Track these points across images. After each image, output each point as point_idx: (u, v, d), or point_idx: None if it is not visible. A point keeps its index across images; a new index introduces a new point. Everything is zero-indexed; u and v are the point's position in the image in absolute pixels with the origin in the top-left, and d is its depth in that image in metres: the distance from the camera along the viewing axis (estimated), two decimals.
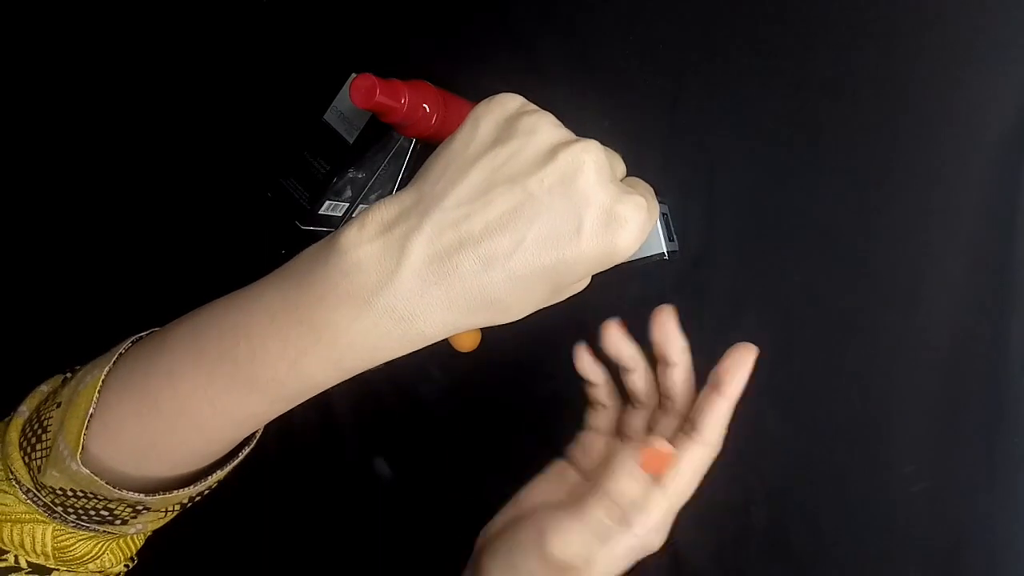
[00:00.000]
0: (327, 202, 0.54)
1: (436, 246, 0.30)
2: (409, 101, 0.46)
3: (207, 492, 0.38)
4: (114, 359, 0.35)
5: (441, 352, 0.44)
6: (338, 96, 0.52)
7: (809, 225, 0.47)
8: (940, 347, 0.44)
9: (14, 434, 0.36)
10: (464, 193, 0.31)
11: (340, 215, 0.57)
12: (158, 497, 0.35)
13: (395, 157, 0.54)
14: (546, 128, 0.32)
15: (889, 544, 0.46)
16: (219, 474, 0.37)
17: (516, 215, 0.30)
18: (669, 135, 0.50)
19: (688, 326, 0.51)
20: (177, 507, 0.38)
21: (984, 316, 0.43)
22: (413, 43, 0.59)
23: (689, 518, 0.52)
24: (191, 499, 0.38)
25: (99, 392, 0.34)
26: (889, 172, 0.45)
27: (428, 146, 0.55)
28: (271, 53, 0.63)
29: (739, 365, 0.40)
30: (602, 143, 0.34)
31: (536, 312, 0.33)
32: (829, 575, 0.48)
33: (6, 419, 0.37)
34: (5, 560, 0.36)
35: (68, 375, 0.38)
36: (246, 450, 0.38)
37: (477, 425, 0.57)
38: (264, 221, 0.60)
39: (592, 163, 0.31)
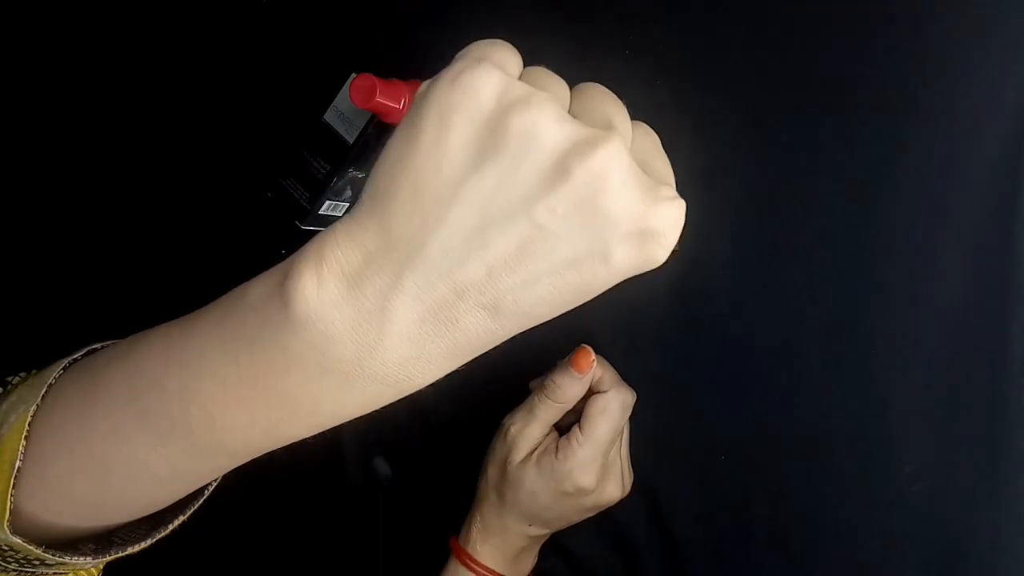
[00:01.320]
0: (327, 202, 0.54)
1: (427, 302, 0.24)
2: (409, 101, 0.46)
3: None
4: (42, 393, 0.29)
5: None
6: (338, 96, 0.52)
7: (809, 225, 0.47)
8: (940, 347, 0.44)
9: None
10: (451, 237, 0.23)
11: (340, 215, 0.56)
12: (109, 558, 0.30)
13: None
14: (546, 130, 0.23)
15: (889, 544, 0.46)
16: (181, 519, 0.33)
17: (525, 254, 0.24)
18: (669, 135, 0.50)
19: (688, 326, 0.51)
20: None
21: (984, 316, 0.43)
22: (413, 43, 0.58)
23: (689, 517, 0.53)
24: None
25: (26, 439, 0.28)
26: (889, 172, 0.45)
27: None
28: (271, 53, 0.63)
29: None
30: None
31: None
32: (829, 575, 0.48)
33: None
34: None
35: (1, 389, 0.32)
36: (212, 485, 0.33)
37: (477, 425, 0.57)
38: (264, 221, 0.60)
39: (617, 174, 0.24)
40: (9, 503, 0.27)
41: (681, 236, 0.37)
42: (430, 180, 0.24)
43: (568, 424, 0.50)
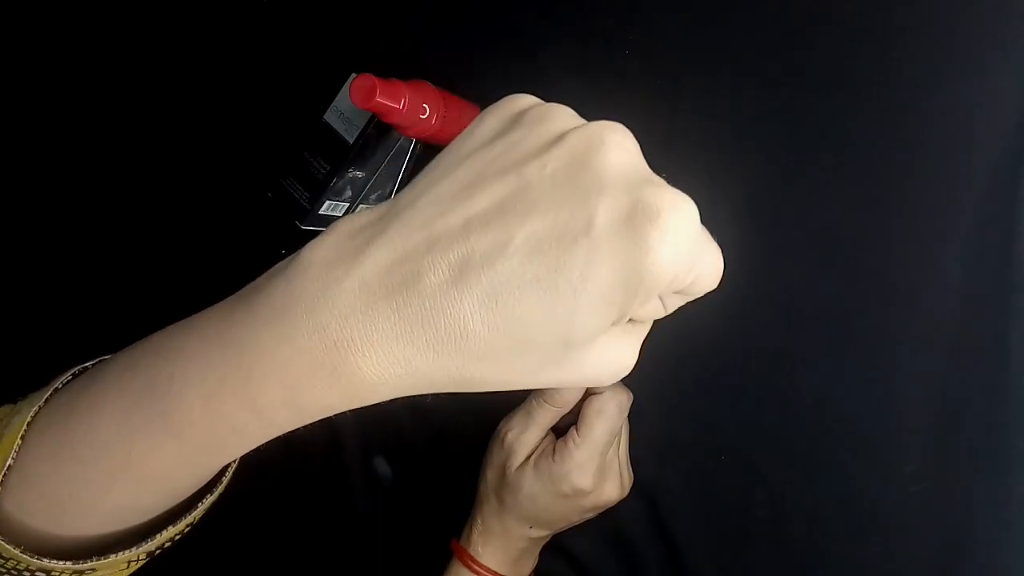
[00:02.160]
0: (327, 202, 0.54)
1: (398, 250, 0.23)
2: (409, 101, 0.46)
3: (167, 545, 0.32)
4: (47, 395, 0.29)
5: None
6: (338, 96, 0.52)
7: (809, 225, 0.47)
8: (940, 347, 0.44)
9: None
10: (444, 189, 0.24)
11: (340, 215, 0.56)
12: (92, 563, 0.29)
13: (395, 157, 0.54)
14: (559, 116, 0.25)
15: (889, 544, 0.46)
16: (169, 531, 0.30)
17: (504, 208, 0.22)
18: (669, 136, 0.50)
19: (688, 326, 0.51)
20: (143, 556, 0.31)
21: (984, 316, 0.43)
22: (413, 43, 0.58)
23: (689, 517, 0.53)
24: (160, 548, 0.31)
25: (22, 438, 0.27)
26: (889, 172, 0.45)
27: (428, 146, 0.55)
28: (271, 53, 0.63)
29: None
30: None
31: None
32: (829, 575, 0.48)
33: None
34: None
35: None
36: (208, 499, 0.32)
37: (478, 425, 0.57)
38: (264, 221, 0.60)
39: (615, 141, 0.23)
40: None
41: None
42: (450, 156, 0.25)
43: (565, 425, 0.50)
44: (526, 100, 0.26)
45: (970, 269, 0.44)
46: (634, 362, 0.26)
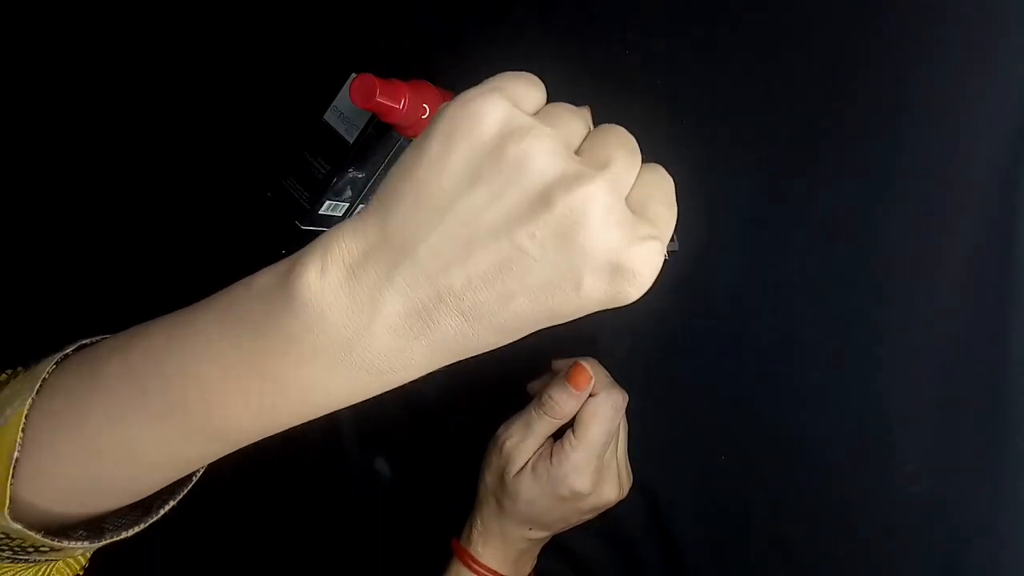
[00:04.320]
0: (327, 202, 0.54)
1: (411, 300, 0.26)
2: (409, 101, 0.46)
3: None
4: (37, 387, 0.30)
5: None
6: (338, 96, 0.52)
7: (809, 225, 0.47)
8: (940, 347, 0.44)
9: None
10: (439, 243, 0.26)
11: (340, 215, 0.56)
12: (104, 542, 0.32)
13: (395, 157, 0.54)
14: (538, 161, 0.26)
15: (889, 544, 0.46)
16: (171, 504, 0.34)
17: (502, 272, 0.26)
18: (669, 135, 0.50)
19: (689, 326, 0.51)
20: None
21: (984, 316, 0.43)
22: (413, 43, 0.58)
23: (689, 517, 0.53)
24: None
25: (23, 431, 0.30)
26: (889, 172, 0.45)
27: None
28: (271, 53, 0.63)
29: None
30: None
31: None
32: (829, 575, 0.48)
33: None
34: None
35: (10, 370, 0.34)
36: (199, 473, 0.35)
37: (477, 426, 0.57)
38: (264, 221, 0.60)
39: (597, 212, 0.26)
40: (8, 491, 0.29)
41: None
42: (430, 190, 0.26)
43: (563, 427, 0.50)
44: (492, 117, 0.27)
45: (970, 269, 0.44)
46: None
